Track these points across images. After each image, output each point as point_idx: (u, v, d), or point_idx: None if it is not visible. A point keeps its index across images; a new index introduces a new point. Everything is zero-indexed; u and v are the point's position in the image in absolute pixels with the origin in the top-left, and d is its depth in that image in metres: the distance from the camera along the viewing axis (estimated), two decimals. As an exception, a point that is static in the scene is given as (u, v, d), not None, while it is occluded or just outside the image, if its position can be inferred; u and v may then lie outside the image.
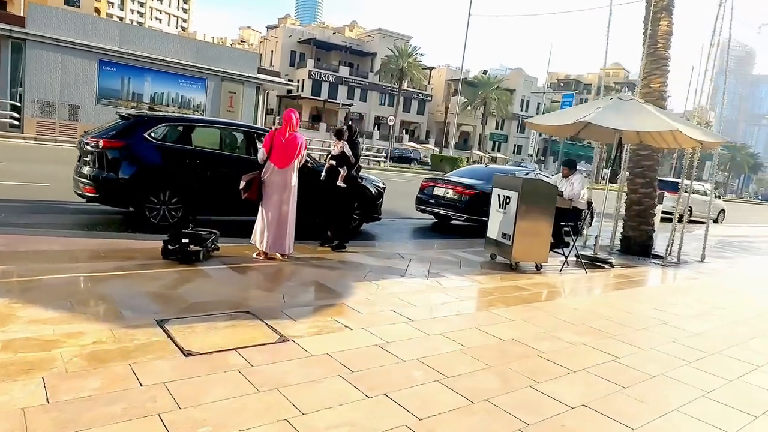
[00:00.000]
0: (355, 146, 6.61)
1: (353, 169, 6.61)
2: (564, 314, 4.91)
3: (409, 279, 5.60)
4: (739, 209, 37.23)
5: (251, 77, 22.70)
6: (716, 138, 7.51)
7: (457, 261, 6.88)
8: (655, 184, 9.31)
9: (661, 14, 8.92)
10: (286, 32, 66.17)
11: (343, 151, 6.49)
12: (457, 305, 4.81)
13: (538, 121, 7.96)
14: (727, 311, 5.81)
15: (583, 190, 7.05)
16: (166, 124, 7.34)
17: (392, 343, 3.64)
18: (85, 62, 18.83)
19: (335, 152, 6.56)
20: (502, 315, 4.64)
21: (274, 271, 5.34)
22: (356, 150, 6.61)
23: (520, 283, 6.04)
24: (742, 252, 12.01)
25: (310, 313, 4.07)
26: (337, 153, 6.53)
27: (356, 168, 6.79)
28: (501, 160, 65.90)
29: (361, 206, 8.70)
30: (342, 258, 6.27)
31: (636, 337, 4.45)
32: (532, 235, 6.69)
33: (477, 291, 5.43)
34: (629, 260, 8.75)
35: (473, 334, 4.05)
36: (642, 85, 9.20)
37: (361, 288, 5.00)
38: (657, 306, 5.68)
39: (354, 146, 6.61)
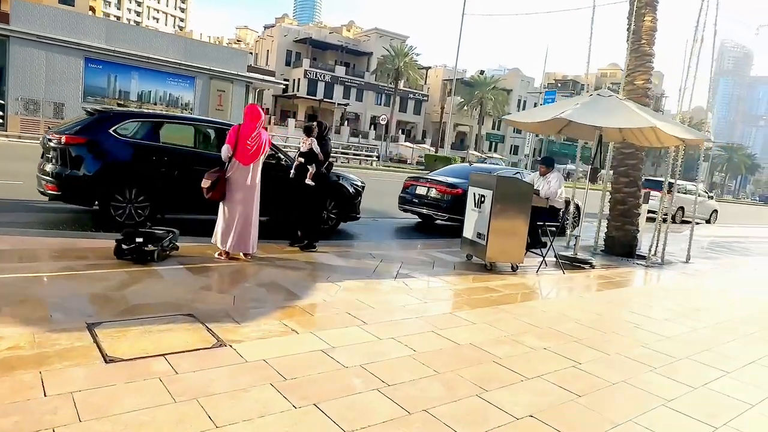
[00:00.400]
0: (325, 143, 6.41)
1: (323, 166, 6.41)
2: (531, 317, 4.71)
3: (375, 280, 5.40)
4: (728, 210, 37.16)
5: (241, 75, 22.49)
6: (697, 135, 7.33)
7: (431, 261, 6.69)
8: (639, 183, 9.13)
9: (645, 9, 8.75)
10: (281, 31, 65.95)
11: (312, 149, 6.29)
12: (420, 307, 4.61)
13: (516, 118, 7.77)
14: (704, 314, 5.63)
15: (560, 188, 6.86)
16: (133, 120, 7.13)
17: (338, 348, 3.44)
18: (71, 59, 18.60)
19: (304, 149, 6.37)
20: (465, 318, 4.45)
21: (232, 271, 5.14)
22: (326, 147, 6.41)
23: (492, 284, 5.85)
24: (731, 253, 11.84)
25: (258, 316, 3.87)
26: (306, 150, 6.33)
27: (327, 166, 6.60)
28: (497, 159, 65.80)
29: (339, 205, 8.52)
30: (309, 258, 6.07)
31: (603, 342, 4.25)
32: (507, 235, 6.50)
33: (444, 293, 5.24)
34: (612, 261, 8.57)
35: (429, 338, 3.85)
36: (626, 82, 9.02)
37: (321, 289, 4.80)
38: (632, 308, 5.50)
39: (324, 143, 6.41)
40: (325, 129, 6.53)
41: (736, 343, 4.66)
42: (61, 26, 18.30)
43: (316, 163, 6.32)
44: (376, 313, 4.29)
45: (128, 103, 19.95)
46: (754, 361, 4.16)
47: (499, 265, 6.75)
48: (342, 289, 4.90)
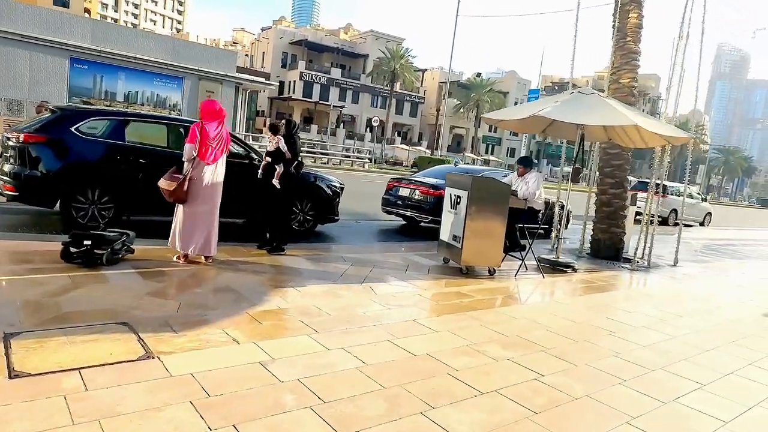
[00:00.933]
0: (293, 142, 6.15)
1: (291, 166, 6.15)
2: (500, 324, 4.45)
3: (340, 285, 5.14)
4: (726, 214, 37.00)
5: (230, 76, 22.25)
6: (680, 134, 7.09)
7: (405, 265, 6.43)
8: (625, 185, 8.88)
9: (630, 6, 8.52)
10: (277, 34, 65.79)
11: (279, 147, 6.03)
12: (381, 314, 4.35)
13: (496, 116, 7.52)
14: (686, 320, 5.37)
15: (539, 190, 6.60)
16: (96, 118, 6.86)
17: (279, 360, 3.17)
18: (56, 59, 18.34)
19: (270, 148, 6.11)
20: (428, 326, 4.18)
21: (187, 276, 4.87)
22: (294, 146, 6.15)
23: (465, 289, 5.59)
24: (721, 256, 11.60)
25: (200, 325, 3.60)
26: (272, 149, 6.07)
27: (296, 166, 6.34)
28: (494, 163, 65.63)
29: (315, 207, 8.27)
30: (276, 262, 5.81)
31: (572, 351, 3.99)
32: (484, 238, 6.25)
33: (411, 298, 4.97)
34: (597, 264, 8.31)
35: (383, 348, 3.59)
36: (611, 80, 8.79)
37: (279, 295, 4.53)
38: (610, 314, 5.24)
39: (292, 142, 6.15)
40: (293, 127, 6.27)
41: (717, 352, 4.40)
42: (46, 26, 18.03)
43: (283, 162, 6.06)
44: (331, 320, 4.03)
45: (115, 103, 19.68)
46: (732, 372, 3.91)
47: (477, 269, 6.50)
48: (301, 294, 4.64)
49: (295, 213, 8.04)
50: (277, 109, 65.02)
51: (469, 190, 6.14)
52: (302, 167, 6.47)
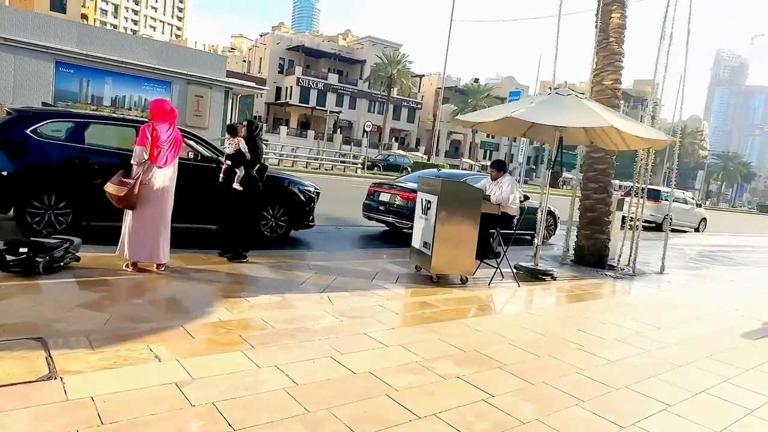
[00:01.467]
0: (255, 144, 5.89)
1: (253, 169, 5.87)
2: (460, 338, 4.17)
3: (297, 294, 4.86)
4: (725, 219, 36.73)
5: (219, 81, 22.04)
6: (660, 136, 6.82)
7: (374, 273, 6.15)
8: (609, 189, 8.61)
9: (612, 6, 8.28)
10: (274, 39, 65.75)
11: (239, 149, 5.76)
12: (332, 327, 4.07)
13: (470, 118, 7.26)
14: (663, 332, 5.08)
15: (513, 194, 6.33)
16: (55, 120, 6.62)
17: (199, 380, 2.89)
18: (41, 63, 18.12)
19: (230, 151, 5.84)
20: (380, 339, 3.90)
21: (130, 285, 4.59)
22: (255, 148, 5.88)
23: (431, 299, 5.31)
24: (713, 262, 11.31)
25: (124, 340, 3.32)
26: (232, 152, 5.81)
27: (259, 169, 6.08)
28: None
29: (288, 212, 8.00)
30: (234, 270, 5.53)
31: (532, 368, 3.71)
32: (455, 244, 5.97)
33: (370, 309, 4.69)
34: (579, 272, 8.03)
35: (321, 365, 3.31)
36: (594, 82, 8.53)
37: (225, 306, 4.25)
38: (583, 326, 4.95)
39: (254, 144, 5.89)
40: (256, 129, 6.01)
41: (691, 367, 4.11)
42: (31, 29, 17.83)
43: (244, 165, 5.79)
44: (273, 334, 3.75)
45: (101, 108, 19.44)
46: (704, 391, 3.62)
47: (451, 277, 6.22)
48: (250, 305, 4.36)
49: (267, 219, 7.78)
50: (274, 115, 64.91)
51: (438, 195, 5.87)
52: (266, 170, 6.20)
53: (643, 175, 8.33)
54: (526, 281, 6.81)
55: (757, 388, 3.78)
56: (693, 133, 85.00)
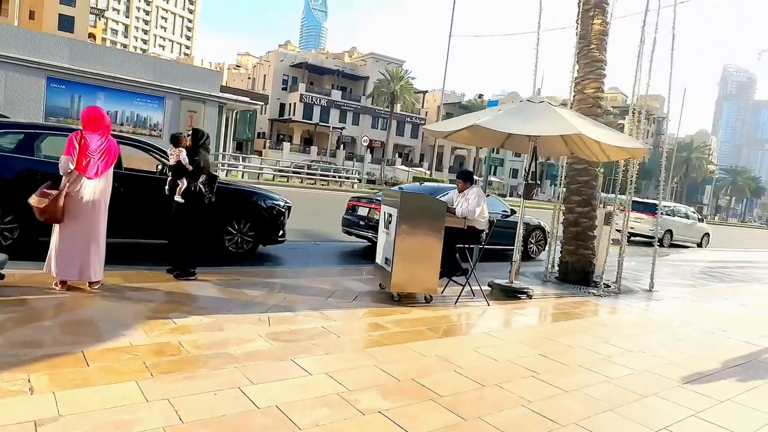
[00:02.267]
0: (198, 154, 5.56)
1: (197, 181, 5.54)
2: (400, 364, 3.77)
3: (233, 315, 4.48)
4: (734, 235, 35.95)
5: (213, 96, 21.95)
6: (637, 145, 6.42)
7: (333, 291, 5.77)
8: (593, 203, 8.20)
9: (593, 12, 7.96)
10: (278, 56, 66.28)
11: (180, 160, 5.44)
12: (256, 353, 3.68)
13: (435, 127, 6.91)
14: (636, 357, 4.64)
15: (479, 207, 5.94)
16: (3, 131, 6.37)
17: (67, 416, 2.52)
18: (32, 79, 18.12)
19: (172, 162, 5.52)
20: (307, 367, 3.51)
21: (48, 306, 4.24)
22: (198, 160, 5.53)
23: (384, 320, 4.91)
24: (709, 279, 10.79)
25: (3, 368, 2.96)
26: (174, 163, 5.49)
27: (209, 180, 5.74)
28: (497, 184, 64.99)
29: (256, 227, 7.66)
30: (176, 288, 5.17)
31: (472, 400, 3.30)
32: (417, 260, 5.58)
33: (310, 332, 4.30)
34: (561, 289, 7.59)
35: (222, 398, 2.92)
36: (576, 91, 8.19)
37: (145, 329, 3.89)
38: (546, 351, 4.52)
39: (198, 154, 5.56)
40: (201, 138, 5.69)
41: (657, 399, 3.67)
42: (22, 45, 17.88)
43: (187, 177, 5.47)
44: (183, 361, 3.37)
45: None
46: (666, 427, 3.19)
47: (418, 295, 5.81)
48: (174, 328, 3.99)
49: (232, 233, 7.46)
50: (277, 131, 65.13)
51: (398, 208, 5.51)
52: (215, 182, 5.86)
53: (628, 187, 7.92)
54: (500, 300, 6.40)
55: (730, 425, 3.33)
56: (700, 147, 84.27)
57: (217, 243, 7.35)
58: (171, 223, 5.63)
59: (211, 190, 5.74)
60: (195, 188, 5.47)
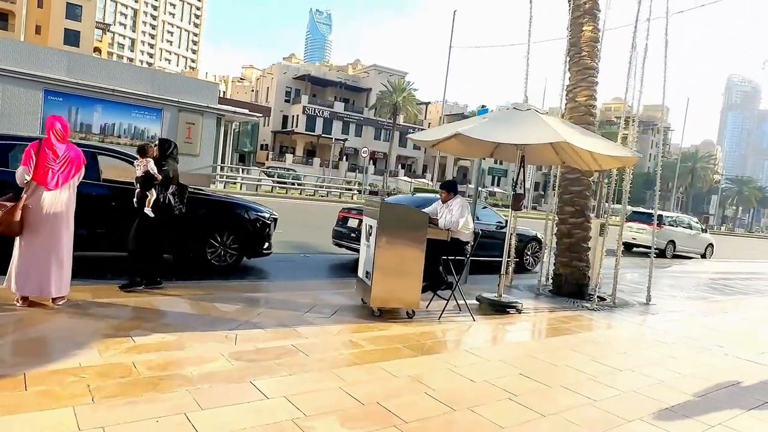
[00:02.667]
0: (166, 164, 5.37)
1: (167, 191, 5.35)
2: (367, 386, 3.54)
3: (198, 333, 4.27)
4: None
5: (211, 108, 21.94)
6: (626, 153, 6.20)
7: (312, 305, 5.56)
8: (587, 213, 7.97)
9: (584, 19, 7.80)
10: (281, 69, 66.68)
11: (147, 171, 5.25)
12: (214, 373, 3.47)
13: (419, 137, 6.72)
14: (624, 377, 4.39)
15: (463, 218, 5.72)
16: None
17: (-18, 449, 2.31)
18: (29, 92, 18.16)
19: (139, 173, 5.32)
20: (265, 389, 3.29)
21: (5, 323, 4.05)
22: (167, 170, 5.35)
23: (360, 337, 4.69)
24: (711, 292, 10.48)
25: (-68, 393, 2.76)
26: (141, 174, 5.29)
27: (179, 191, 5.53)
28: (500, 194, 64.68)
29: (239, 239, 7.48)
30: (144, 303, 4.97)
31: (437, 426, 3.06)
32: (397, 274, 5.37)
33: (277, 351, 4.08)
34: (554, 303, 7.34)
35: (165, 426, 2.70)
36: (567, 99, 8.01)
37: (100, 348, 3.69)
38: (528, 370, 4.28)
39: (166, 164, 5.37)
40: (169, 148, 5.53)
41: (641, 424, 3.42)
42: (20, 58, 17.95)
43: (155, 188, 5.27)
44: (131, 384, 3.16)
45: (90, 135, 19.37)
46: (647, 457, 2.94)
47: (401, 310, 5.58)
48: (131, 347, 3.79)
49: (215, 246, 7.27)
50: (280, 143, 65.32)
51: (378, 219, 5.31)
52: (185, 192, 5.68)
53: (623, 197, 7.69)
54: (488, 314, 6.16)
55: (719, 453, 3.08)
56: (705, 157, 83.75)
57: (199, 256, 7.17)
58: (134, 234, 5.40)
59: (181, 200, 5.56)
60: (164, 199, 5.29)
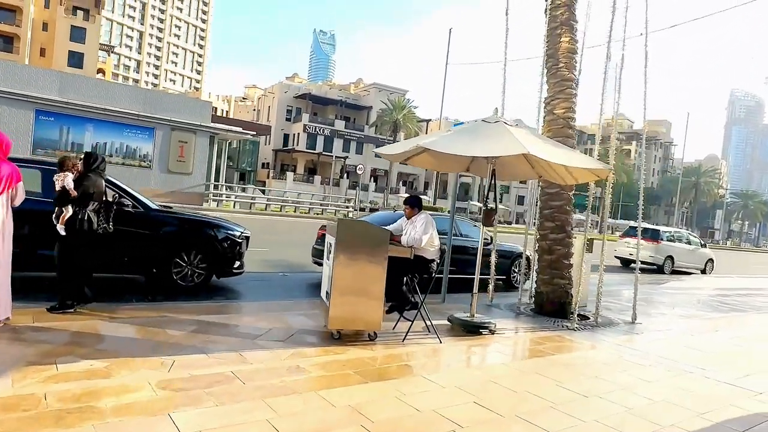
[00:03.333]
0: (88, 179, 5.11)
1: (86, 209, 5.06)
2: (299, 417, 3.26)
3: (132, 359, 4.01)
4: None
5: (204, 126, 21.92)
6: (597, 165, 5.95)
7: (268, 329, 5.29)
8: (568, 229, 7.69)
9: (560, 30, 7.63)
10: (282, 88, 67.14)
11: (64, 186, 4.99)
12: (131, 405, 3.20)
13: (384, 150, 6.48)
14: (589, 404, 4.08)
15: (427, 234, 5.46)
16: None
17: None
18: (21, 112, 18.23)
19: (57, 187, 5.05)
20: (182, 423, 3.02)
21: None
22: (87, 186, 5.07)
23: (310, 362, 4.41)
24: (705, 308, 10.11)
25: None
26: (59, 188, 5.02)
27: (100, 209, 5.22)
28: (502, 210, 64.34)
29: (207, 258, 7.25)
30: (89, 328, 4.74)
31: (365, 464, 2.78)
32: (357, 294, 5.11)
33: (211, 379, 3.81)
34: (533, 323, 7.04)
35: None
36: (546, 111, 7.80)
37: (17, 376, 3.44)
38: (483, 397, 3.98)
39: (89, 179, 5.11)
40: (95, 162, 5.27)
41: (596, 458, 3.12)
42: (11, 79, 18.04)
43: (72, 204, 4.99)
44: (33, 418, 2.90)
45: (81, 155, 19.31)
46: (593, 500, 2.63)
47: (365, 332, 5.29)
48: (52, 375, 3.53)
49: (181, 266, 7.04)
50: (281, 161, 65.47)
51: (335, 236, 5.07)
52: (112, 210, 5.39)
53: (602, 212, 7.42)
54: (459, 335, 5.87)
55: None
56: (708, 171, 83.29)
57: (164, 275, 6.95)
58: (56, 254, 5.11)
59: (106, 219, 5.28)
60: (83, 216, 5.01)
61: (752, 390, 4.78)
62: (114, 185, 6.82)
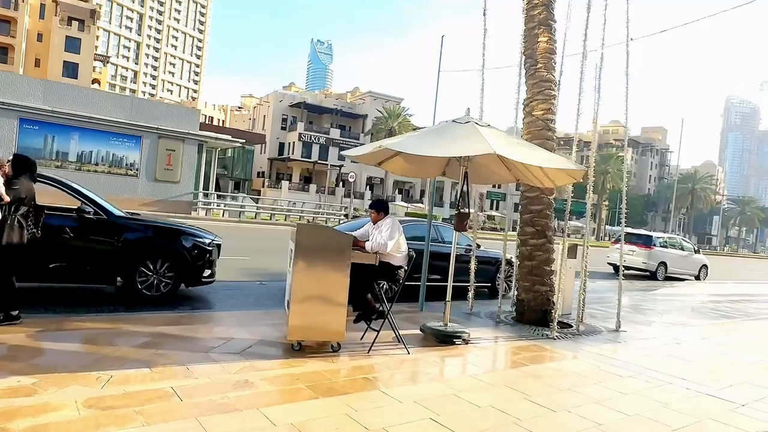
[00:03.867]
0: (18, 183, 4.84)
1: (16, 213, 4.79)
2: (232, 438, 2.99)
3: (68, 374, 3.74)
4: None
5: (192, 134, 21.70)
6: (571, 165, 5.72)
7: (226, 340, 5.02)
8: (549, 234, 7.44)
9: (538, 29, 7.43)
10: (277, 97, 67.12)
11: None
12: (47, 426, 2.93)
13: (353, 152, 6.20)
14: (554, 420, 3.81)
15: (392, 240, 5.20)
16: None
17: None
18: (3, 120, 17.99)
19: None
20: (96, 446, 2.75)
21: None
22: (18, 189, 4.81)
23: (261, 375, 4.13)
24: (696, 316, 9.84)
25: None
26: None
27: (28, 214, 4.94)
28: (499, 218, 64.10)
29: (175, 267, 6.98)
30: (29, 342, 4.47)
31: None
32: (318, 303, 4.84)
33: (147, 396, 3.53)
34: (512, 332, 6.76)
35: None
36: (525, 113, 7.58)
37: (-72, 395, 3.16)
38: (441, 413, 3.70)
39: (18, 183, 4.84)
40: (24, 165, 5.00)
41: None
42: (-6, 87, 17.83)
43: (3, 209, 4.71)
44: (-74, 443, 2.63)
45: (66, 164, 19.11)
46: None
47: (329, 343, 5.02)
48: (-32, 393, 3.26)
49: (146, 275, 6.77)
50: (277, 170, 65.27)
51: (295, 242, 4.82)
52: (42, 215, 5.10)
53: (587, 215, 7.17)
54: (430, 345, 5.60)
55: None
56: (704, 178, 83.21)
57: (127, 285, 6.68)
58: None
59: (35, 224, 5.00)
60: (12, 221, 4.74)
61: (734, 402, 4.51)
62: (74, 190, 6.59)
